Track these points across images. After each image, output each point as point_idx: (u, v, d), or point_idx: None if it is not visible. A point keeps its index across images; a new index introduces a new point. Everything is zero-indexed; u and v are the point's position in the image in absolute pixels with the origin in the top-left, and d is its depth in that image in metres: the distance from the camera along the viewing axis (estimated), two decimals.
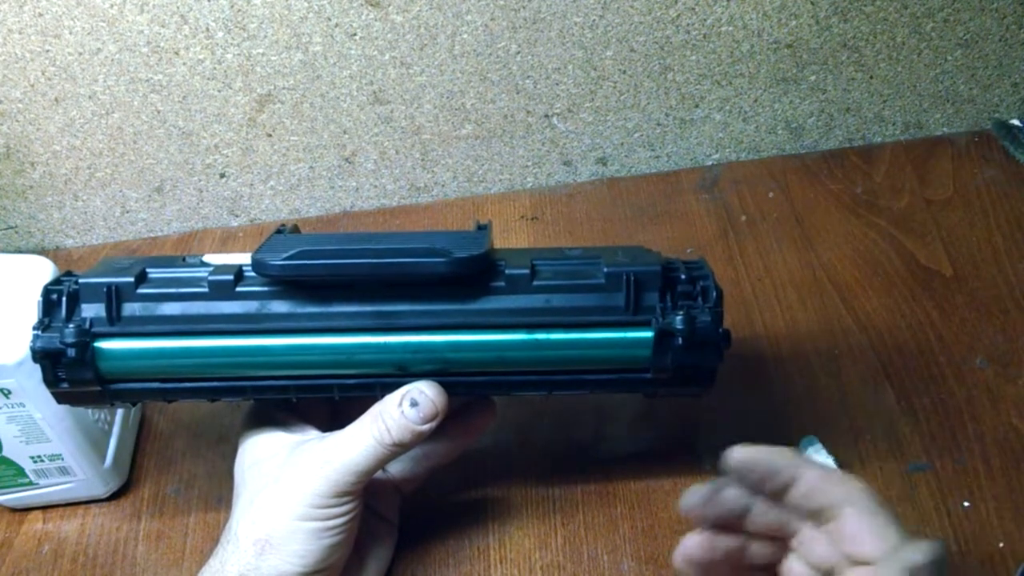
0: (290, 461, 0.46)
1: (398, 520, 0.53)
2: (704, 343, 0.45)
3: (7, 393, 0.50)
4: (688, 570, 0.41)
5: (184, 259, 0.48)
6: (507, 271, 0.46)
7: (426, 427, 0.45)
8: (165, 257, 0.48)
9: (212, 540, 0.55)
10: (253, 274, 0.45)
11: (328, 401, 0.49)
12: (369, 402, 0.47)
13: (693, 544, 0.41)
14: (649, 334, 0.46)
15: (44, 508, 0.58)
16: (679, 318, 0.45)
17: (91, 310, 0.45)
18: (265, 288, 0.45)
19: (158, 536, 0.56)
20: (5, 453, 0.53)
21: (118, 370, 0.46)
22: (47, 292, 0.45)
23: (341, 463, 0.45)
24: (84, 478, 0.56)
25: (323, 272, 0.44)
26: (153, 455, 0.60)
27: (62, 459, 0.54)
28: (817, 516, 0.39)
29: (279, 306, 0.45)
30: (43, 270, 0.53)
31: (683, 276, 0.47)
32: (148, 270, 0.46)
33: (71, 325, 0.44)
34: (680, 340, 0.45)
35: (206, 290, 0.45)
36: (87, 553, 0.56)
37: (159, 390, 0.47)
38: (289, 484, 0.45)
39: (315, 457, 0.45)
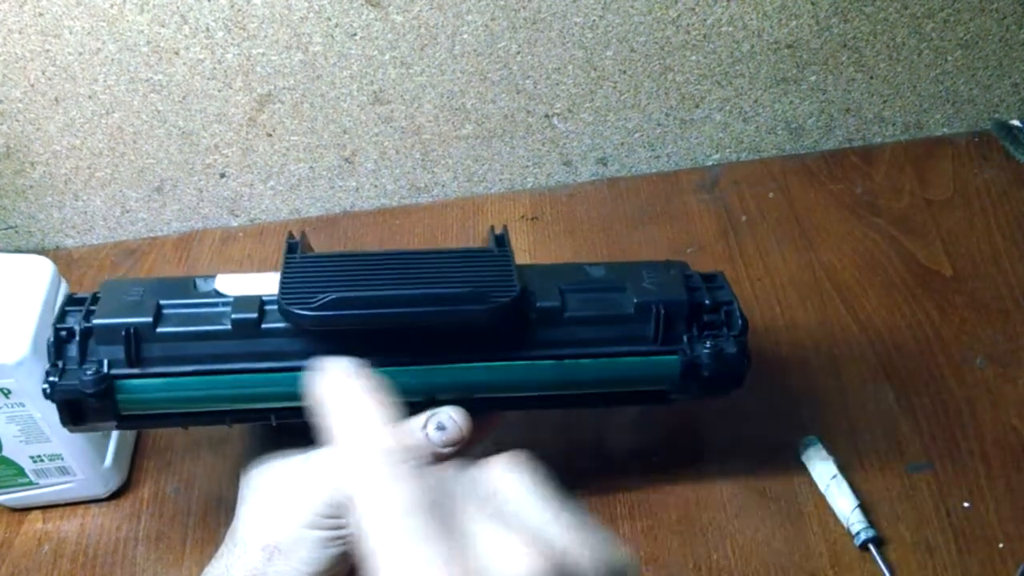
0: (302, 468, 0.46)
1: None
2: (729, 371, 0.47)
3: (7, 393, 0.50)
4: None
5: (195, 284, 0.46)
6: (538, 304, 0.46)
7: (447, 451, 0.45)
8: (175, 282, 0.46)
9: (212, 540, 0.55)
10: (275, 307, 0.44)
11: None
12: None
13: None
14: (675, 360, 0.47)
15: (44, 508, 0.58)
16: (706, 352, 0.46)
17: (108, 351, 0.43)
18: (287, 323, 0.44)
19: (158, 536, 0.56)
20: (5, 453, 0.53)
21: (138, 406, 0.45)
22: (56, 332, 0.44)
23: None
24: (84, 478, 0.56)
25: (358, 322, 0.43)
26: (153, 455, 0.60)
27: (62, 459, 0.54)
28: None
29: (305, 343, 0.44)
30: (43, 270, 0.53)
31: (707, 302, 0.47)
32: (162, 304, 0.44)
33: (89, 370, 0.43)
34: (707, 372, 0.46)
35: (228, 328, 0.44)
36: (87, 553, 0.56)
37: (178, 420, 0.46)
38: (300, 491, 0.45)
39: (328, 466, 0.45)
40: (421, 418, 0.45)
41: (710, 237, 0.70)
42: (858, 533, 0.51)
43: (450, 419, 0.45)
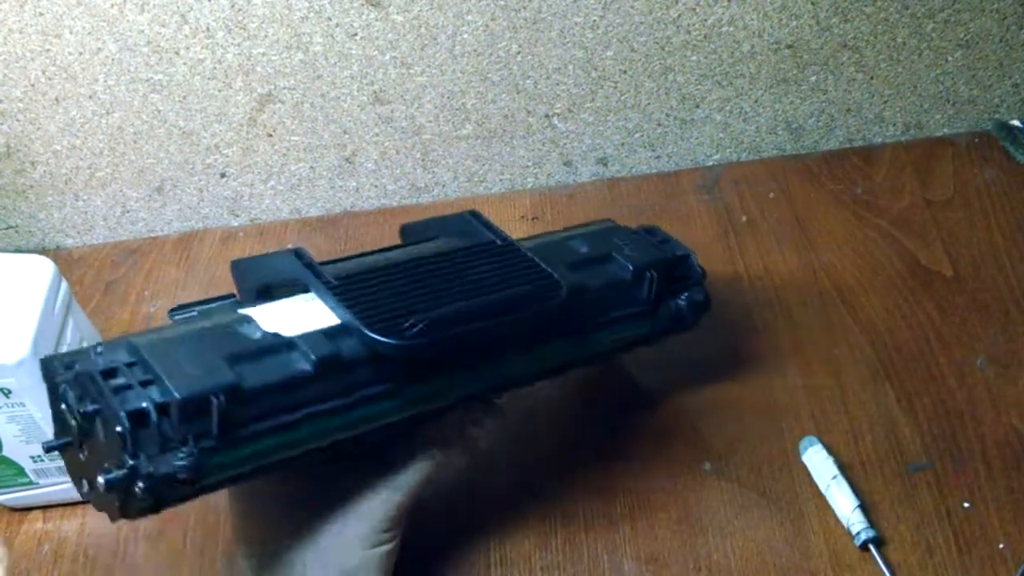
0: (345, 491, 0.46)
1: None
2: (697, 316, 0.55)
3: (7, 393, 0.50)
4: None
5: (232, 329, 0.42)
6: (567, 285, 0.48)
7: (480, 444, 0.48)
8: (217, 331, 0.42)
9: (212, 540, 0.55)
10: (352, 339, 0.42)
11: None
12: None
13: None
14: (663, 315, 0.54)
15: (44, 508, 0.58)
16: (684, 304, 0.54)
17: (190, 426, 0.38)
18: (367, 352, 0.43)
19: (158, 536, 0.56)
20: (5, 453, 0.53)
21: (225, 472, 0.40)
22: (129, 416, 0.37)
23: (406, 485, 0.46)
24: None
25: (456, 341, 0.44)
26: None
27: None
28: None
29: (386, 366, 0.43)
30: (43, 270, 0.53)
31: (669, 256, 0.55)
32: (228, 359, 0.40)
33: (181, 452, 0.37)
34: (684, 320, 0.55)
35: (310, 369, 0.41)
36: (87, 553, 0.56)
37: (258, 472, 0.42)
38: (355, 515, 0.45)
39: (374, 483, 0.46)
40: (455, 416, 0.48)
41: (710, 237, 0.70)
42: (858, 533, 0.51)
43: (487, 416, 0.49)
